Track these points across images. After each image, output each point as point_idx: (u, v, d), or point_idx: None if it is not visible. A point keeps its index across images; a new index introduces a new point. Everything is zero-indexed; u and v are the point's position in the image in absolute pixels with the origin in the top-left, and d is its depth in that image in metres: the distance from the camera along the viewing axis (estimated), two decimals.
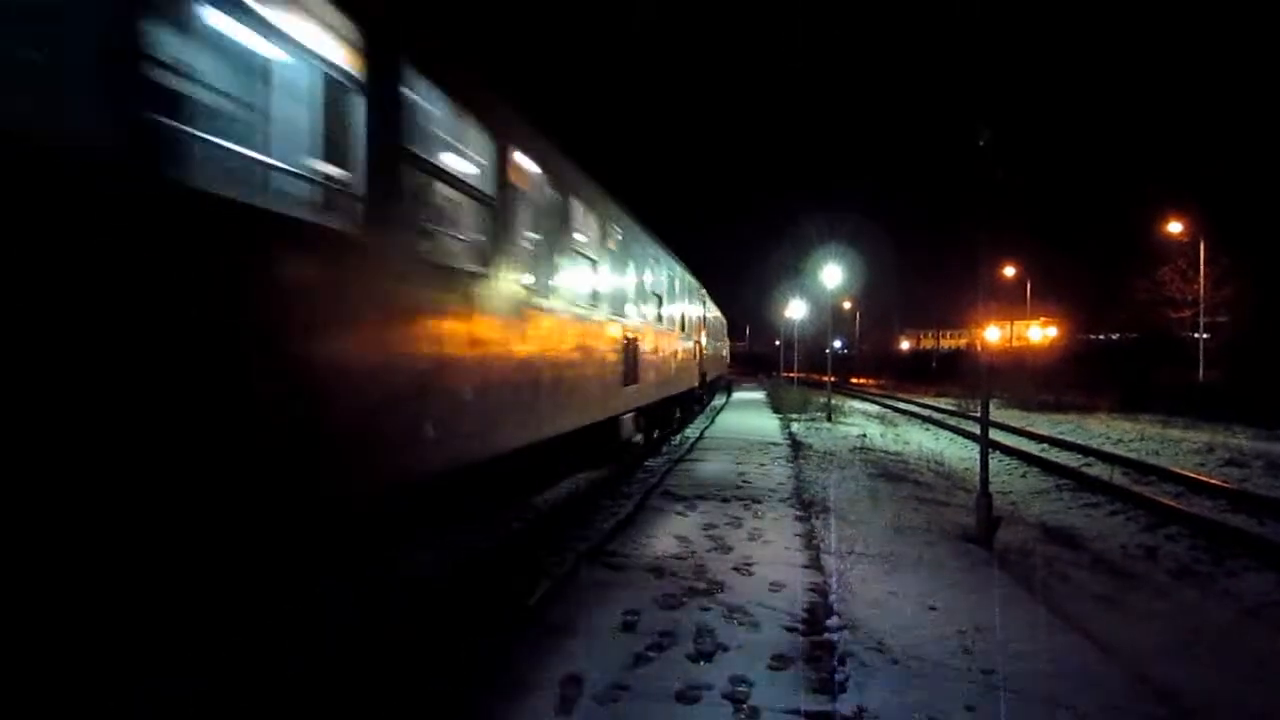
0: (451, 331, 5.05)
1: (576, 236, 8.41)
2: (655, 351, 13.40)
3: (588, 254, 8.78)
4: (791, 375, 46.84)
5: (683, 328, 17.87)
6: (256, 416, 3.20)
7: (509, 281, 6.05)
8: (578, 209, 8.42)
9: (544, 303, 6.96)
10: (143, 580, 2.77)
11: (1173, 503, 11.91)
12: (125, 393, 2.62)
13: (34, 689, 2.54)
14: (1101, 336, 63.96)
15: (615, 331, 9.90)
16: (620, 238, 10.52)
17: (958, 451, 19.75)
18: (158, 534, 2.78)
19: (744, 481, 11.44)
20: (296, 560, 3.69)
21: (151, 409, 2.72)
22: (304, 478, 3.51)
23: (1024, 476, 15.66)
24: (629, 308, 10.99)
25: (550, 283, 7.28)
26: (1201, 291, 40.14)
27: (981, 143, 8.58)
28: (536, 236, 7.10)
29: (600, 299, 9.21)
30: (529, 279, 6.61)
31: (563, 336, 7.52)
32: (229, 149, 3.24)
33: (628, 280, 11.09)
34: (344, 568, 4.25)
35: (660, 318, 14.28)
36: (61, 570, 2.51)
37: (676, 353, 16.54)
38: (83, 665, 2.71)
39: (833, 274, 26.77)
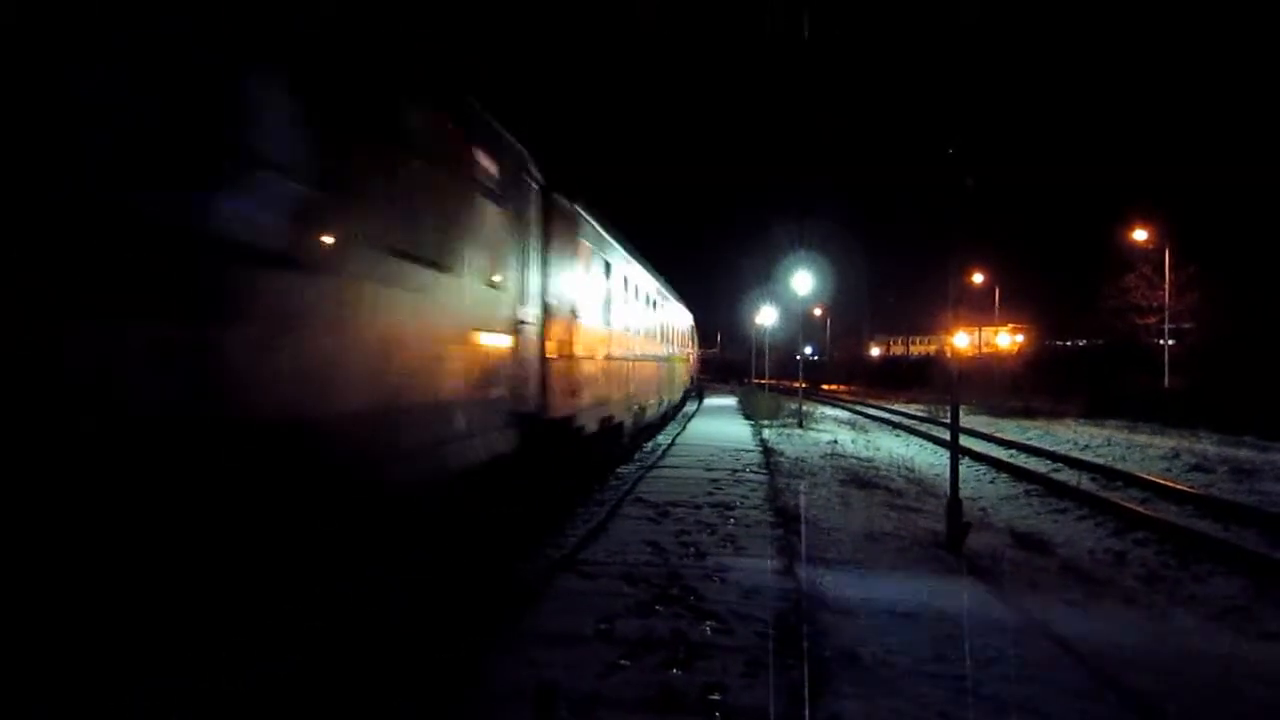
0: None
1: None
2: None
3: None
4: (763, 382, 46.85)
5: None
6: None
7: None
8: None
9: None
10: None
11: (1140, 508, 12.03)
12: None
13: (34, 687, 2.51)
14: (1069, 343, 64.75)
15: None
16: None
17: (928, 457, 19.86)
18: None
19: (716, 488, 11.43)
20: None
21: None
22: None
23: (993, 482, 15.77)
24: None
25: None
26: (1166, 298, 40.68)
27: (952, 150, 8.65)
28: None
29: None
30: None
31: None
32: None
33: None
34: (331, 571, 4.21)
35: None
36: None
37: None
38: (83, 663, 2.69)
39: (804, 280, 26.88)
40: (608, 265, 12.98)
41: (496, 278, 7.33)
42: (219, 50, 3.41)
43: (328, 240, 4.37)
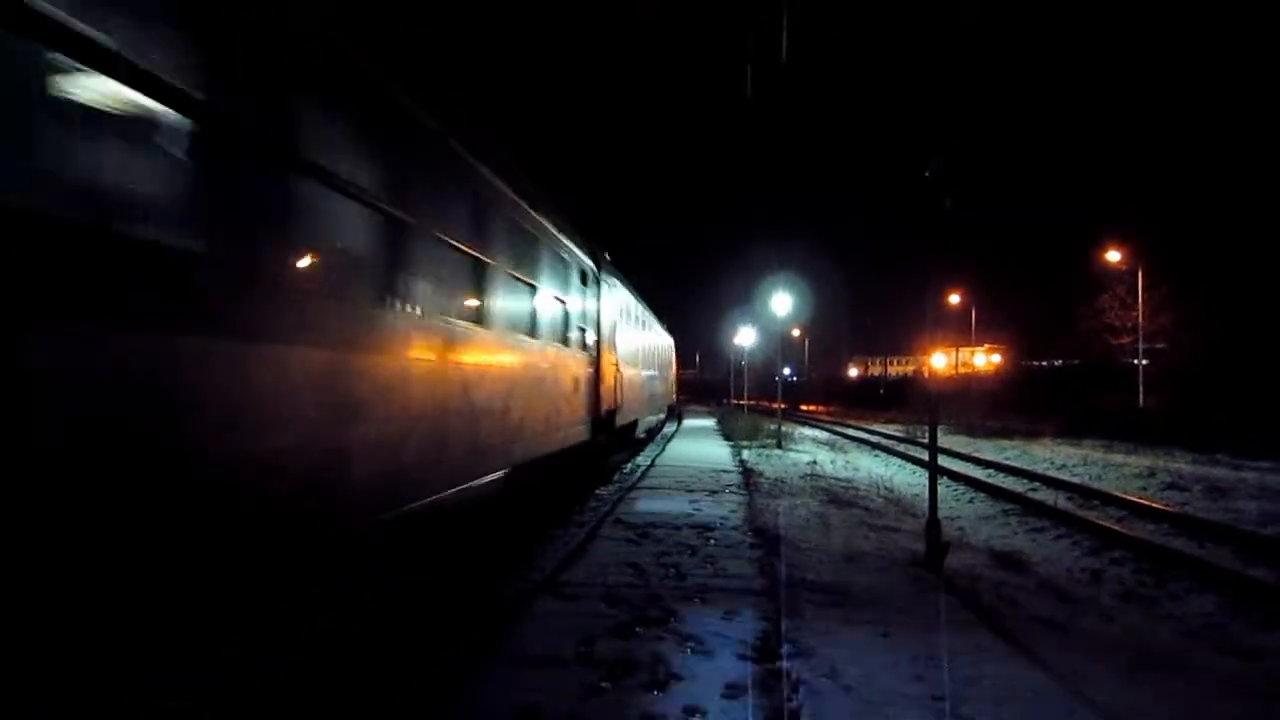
0: None
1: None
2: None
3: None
4: (742, 402, 46.96)
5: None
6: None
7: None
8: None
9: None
10: None
11: (1116, 527, 12.12)
12: None
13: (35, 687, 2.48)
14: (1045, 363, 65.24)
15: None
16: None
17: (906, 477, 19.92)
18: None
19: (696, 509, 11.42)
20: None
21: None
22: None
23: (971, 502, 15.84)
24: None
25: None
26: (1140, 319, 41.11)
27: (928, 174, 8.73)
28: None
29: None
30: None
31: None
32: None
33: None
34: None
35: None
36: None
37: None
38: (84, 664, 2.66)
39: (782, 301, 26.98)
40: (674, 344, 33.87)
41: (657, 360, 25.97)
42: None
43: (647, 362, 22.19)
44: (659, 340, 28.75)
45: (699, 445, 24.71)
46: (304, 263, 4.16)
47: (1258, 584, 8.80)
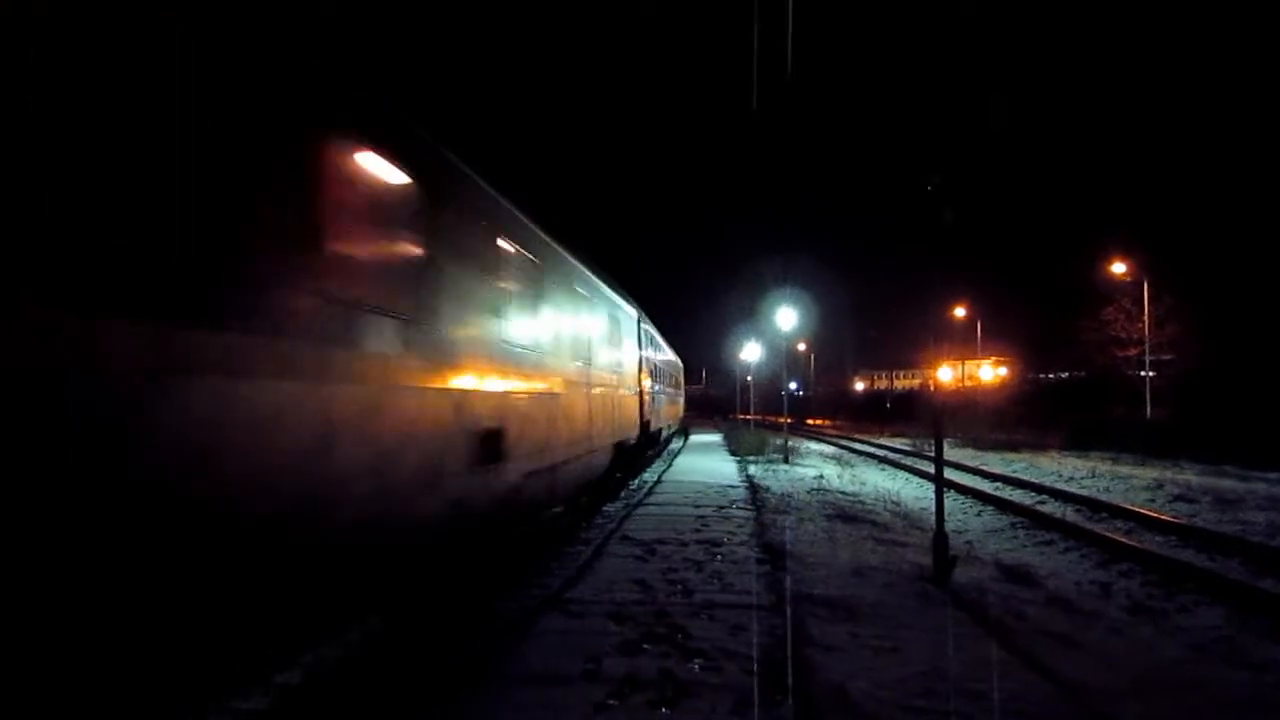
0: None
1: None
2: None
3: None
4: (748, 417, 46.91)
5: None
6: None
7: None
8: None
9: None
10: None
11: (1125, 539, 12.08)
12: None
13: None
14: (1051, 375, 64.99)
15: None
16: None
17: (914, 491, 19.87)
18: None
19: (703, 525, 11.41)
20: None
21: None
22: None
23: (979, 515, 15.79)
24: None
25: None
26: (1146, 331, 41.01)
27: (930, 187, 8.76)
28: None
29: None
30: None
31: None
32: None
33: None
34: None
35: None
36: None
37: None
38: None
39: (787, 316, 26.98)
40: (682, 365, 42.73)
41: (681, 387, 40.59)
42: None
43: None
44: (680, 375, 41.39)
45: (705, 460, 24.68)
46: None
47: (1266, 596, 8.77)
